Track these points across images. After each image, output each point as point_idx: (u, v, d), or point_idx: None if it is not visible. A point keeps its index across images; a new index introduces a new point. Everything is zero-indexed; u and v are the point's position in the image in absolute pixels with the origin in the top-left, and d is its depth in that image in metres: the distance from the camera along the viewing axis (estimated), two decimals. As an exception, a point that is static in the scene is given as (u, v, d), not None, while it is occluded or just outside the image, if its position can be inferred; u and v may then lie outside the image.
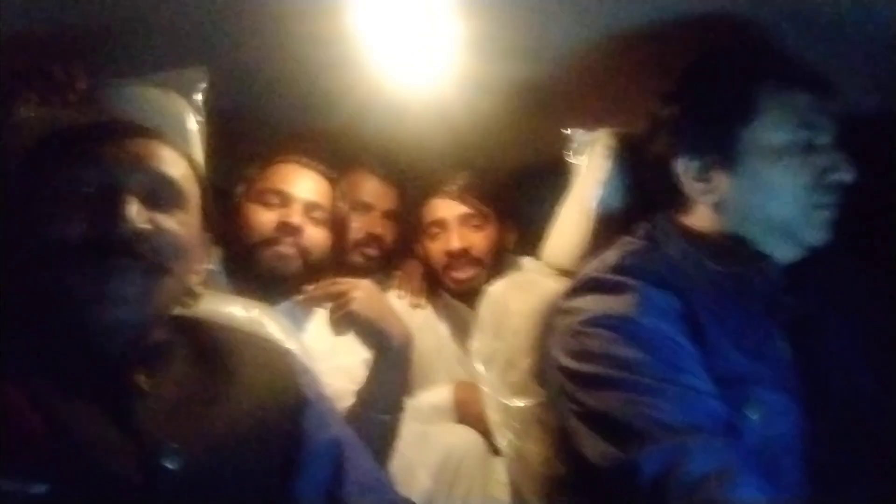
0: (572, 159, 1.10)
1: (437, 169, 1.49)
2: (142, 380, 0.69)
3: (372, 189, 1.49)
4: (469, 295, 1.44)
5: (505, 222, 1.51)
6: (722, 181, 0.89)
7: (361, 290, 1.11)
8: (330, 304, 1.12)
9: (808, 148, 0.86)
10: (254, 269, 1.24)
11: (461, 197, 1.46)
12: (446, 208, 1.47)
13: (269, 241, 1.23)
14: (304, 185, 1.28)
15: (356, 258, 1.46)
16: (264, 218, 1.25)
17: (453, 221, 1.46)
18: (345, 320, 1.10)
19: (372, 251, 1.48)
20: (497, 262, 1.46)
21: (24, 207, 0.69)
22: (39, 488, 0.58)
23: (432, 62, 1.13)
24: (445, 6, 0.97)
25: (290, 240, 1.23)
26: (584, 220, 1.02)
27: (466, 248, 1.44)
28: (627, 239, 0.94)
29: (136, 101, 0.85)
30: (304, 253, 1.25)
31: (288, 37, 1.02)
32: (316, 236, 1.27)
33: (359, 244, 1.46)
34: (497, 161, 1.50)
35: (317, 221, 1.28)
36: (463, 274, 1.44)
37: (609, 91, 1.15)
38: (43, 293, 0.67)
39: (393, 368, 1.10)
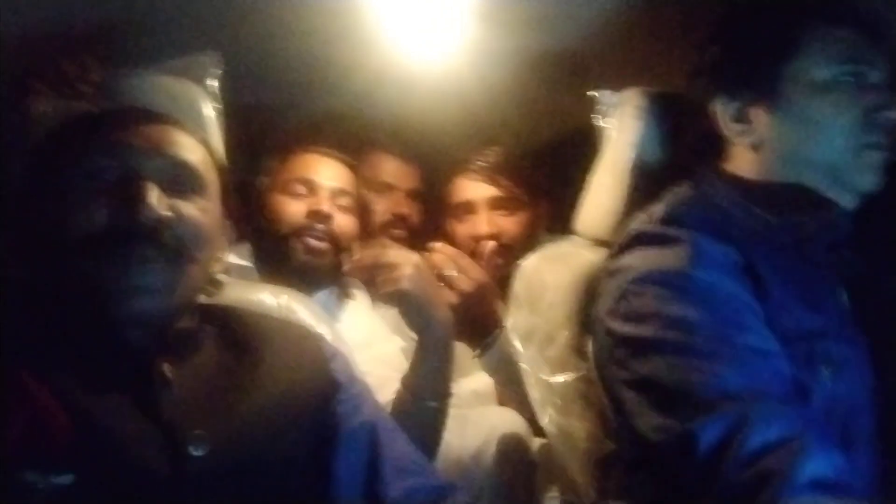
0: (601, 122, 1.05)
1: (458, 145, 1.43)
2: (167, 368, 0.68)
3: (392, 169, 1.45)
4: (499, 282, 1.39)
5: (538, 203, 1.43)
6: (761, 120, 0.84)
7: (413, 268, 1.03)
8: (377, 277, 1.05)
9: (857, 85, 0.81)
10: (286, 262, 1.22)
11: (491, 177, 1.38)
12: (474, 189, 1.39)
13: (300, 231, 1.21)
14: (328, 172, 1.27)
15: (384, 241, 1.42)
16: (293, 208, 1.23)
17: (482, 204, 1.38)
18: (393, 298, 1.03)
19: (399, 232, 1.44)
20: (529, 247, 1.36)
21: (44, 199, 0.69)
22: (65, 479, 0.57)
23: (445, 35, 1.11)
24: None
25: (321, 227, 1.21)
26: (617, 185, 0.97)
27: (496, 234, 1.36)
28: (674, 190, 0.89)
29: (150, 90, 0.85)
30: (334, 241, 1.23)
31: (298, 12, 1.00)
32: (345, 223, 1.25)
33: (385, 226, 1.42)
34: (519, 134, 1.46)
35: (344, 209, 1.26)
36: (492, 264, 1.36)
37: (630, 54, 1.12)
38: (66, 285, 0.67)
39: (438, 354, 1.04)
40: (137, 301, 0.66)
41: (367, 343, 1.14)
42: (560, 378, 0.94)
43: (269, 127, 1.40)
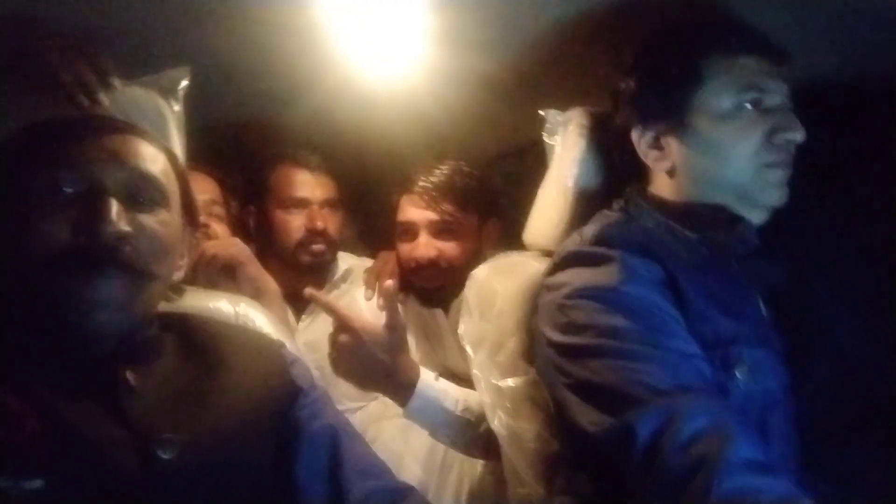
0: (547, 139, 1.11)
1: (410, 161, 1.45)
2: (130, 376, 0.69)
3: (303, 182, 1.44)
4: (441, 298, 1.43)
5: (484, 223, 1.45)
6: (673, 147, 0.92)
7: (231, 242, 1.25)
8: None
9: (757, 110, 0.88)
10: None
11: (433, 201, 1.37)
12: (416, 213, 1.39)
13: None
14: (196, 186, 1.33)
15: (304, 257, 1.44)
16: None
17: (423, 228, 1.39)
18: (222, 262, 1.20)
19: (318, 246, 1.44)
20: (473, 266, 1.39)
21: (4, 211, 0.68)
22: (35, 484, 0.58)
23: (401, 54, 1.14)
24: (412, -2, 0.98)
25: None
26: (562, 199, 1.04)
27: (435, 259, 1.37)
28: (604, 213, 0.97)
29: (119, 101, 0.83)
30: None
31: (256, 27, 1.01)
32: (220, 232, 1.35)
33: (302, 243, 1.43)
34: (471, 151, 1.50)
35: (217, 217, 1.36)
36: (429, 283, 1.40)
37: (579, 72, 1.16)
38: (28, 299, 0.67)
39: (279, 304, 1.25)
40: (98, 315, 0.67)
41: None
42: (509, 382, 0.98)
43: (231, 141, 1.42)
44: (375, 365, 1.05)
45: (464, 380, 1.31)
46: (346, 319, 1.04)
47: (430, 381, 1.10)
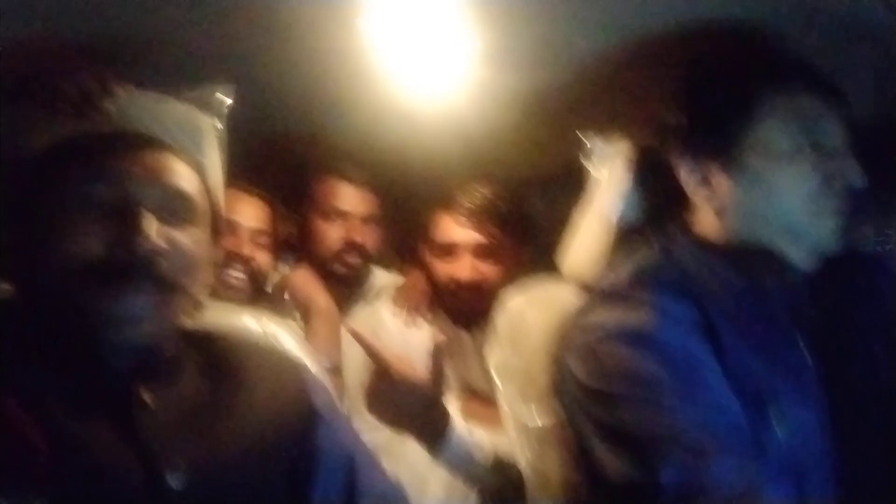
0: (591, 169, 1.08)
1: (449, 178, 1.44)
2: (147, 395, 0.69)
3: (346, 196, 1.46)
4: (470, 318, 1.41)
5: (521, 250, 1.43)
6: (724, 186, 0.87)
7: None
8: None
9: (816, 152, 0.84)
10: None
11: (479, 224, 1.36)
12: (461, 234, 1.38)
13: (217, 268, 1.32)
14: (247, 212, 1.39)
15: (337, 268, 1.45)
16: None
17: (467, 249, 1.37)
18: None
19: (353, 259, 1.45)
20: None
21: (37, 223, 0.68)
22: (36, 503, 0.57)
23: (446, 74, 1.13)
24: (458, 18, 0.97)
25: (239, 268, 1.35)
26: (601, 231, 1.00)
27: (478, 282, 1.35)
28: (642, 250, 0.93)
29: (158, 114, 0.85)
30: (253, 279, 1.37)
31: (303, 51, 1.03)
32: (264, 261, 1.39)
33: (338, 254, 1.44)
34: (514, 171, 1.48)
35: (262, 246, 1.39)
36: (466, 306, 1.38)
37: (623, 98, 1.14)
38: (55, 310, 0.67)
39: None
40: (126, 331, 0.67)
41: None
42: (539, 423, 0.96)
43: (270, 152, 1.43)
44: (408, 413, 1.03)
45: (485, 400, 1.29)
46: (387, 365, 1.01)
47: (462, 433, 1.08)
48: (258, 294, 1.37)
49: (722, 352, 0.78)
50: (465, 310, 1.41)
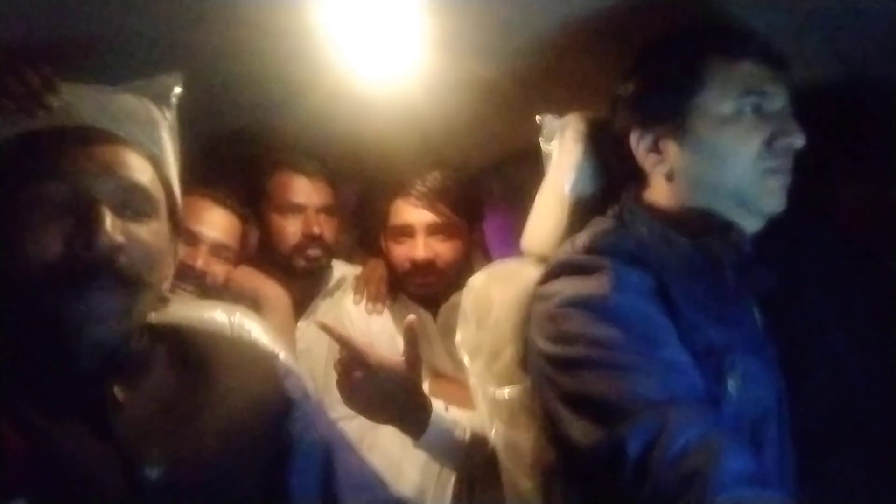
0: (544, 146, 1.10)
1: (405, 166, 1.45)
2: (118, 391, 0.69)
3: (300, 188, 1.45)
4: (430, 300, 1.44)
5: (474, 228, 1.47)
6: (672, 151, 0.91)
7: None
8: None
9: (757, 115, 0.87)
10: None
11: (431, 204, 1.39)
12: (414, 214, 1.40)
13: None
14: (212, 223, 1.35)
15: (299, 262, 1.45)
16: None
17: (420, 229, 1.40)
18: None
19: (313, 251, 1.45)
20: (464, 269, 1.39)
21: None
22: (17, 503, 0.57)
23: (398, 59, 1.13)
24: (410, 3, 0.97)
25: (191, 281, 1.31)
26: (559, 205, 1.03)
27: (432, 259, 1.38)
28: (596, 220, 0.96)
29: (109, 108, 0.83)
30: (204, 292, 1.33)
31: (250, 31, 1.01)
32: (220, 274, 1.36)
33: (298, 248, 1.44)
34: (469, 156, 1.50)
35: (223, 260, 1.37)
36: (426, 281, 1.40)
37: (576, 77, 1.16)
38: (20, 313, 0.66)
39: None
40: (93, 329, 0.66)
41: None
42: (506, 392, 0.98)
43: (220, 135, 1.41)
44: (390, 400, 1.03)
45: (451, 381, 1.31)
46: (363, 354, 1.01)
47: (441, 413, 1.09)
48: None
49: (675, 312, 0.81)
50: (423, 290, 1.44)
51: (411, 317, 1.06)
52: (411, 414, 1.05)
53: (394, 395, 1.02)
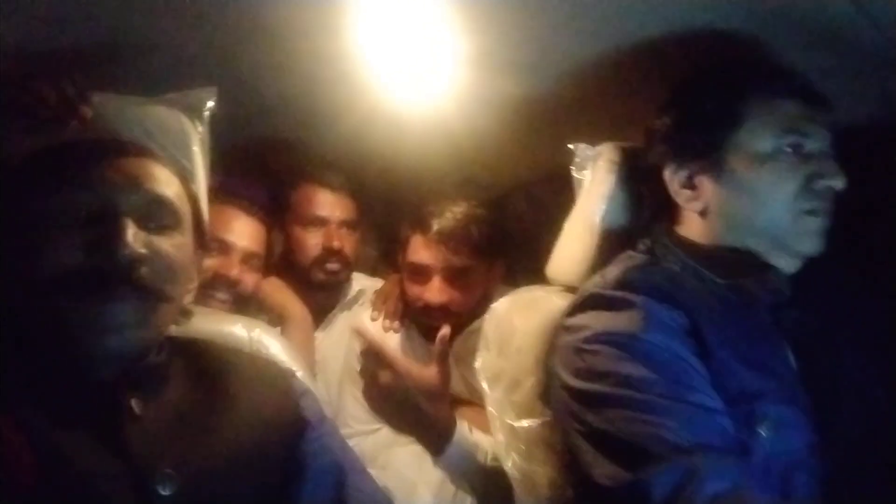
0: (576, 174, 1.09)
1: (432, 193, 1.41)
2: (135, 404, 0.68)
3: (323, 201, 1.45)
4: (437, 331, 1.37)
5: (492, 265, 1.41)
6: (707, 188, 0.90)
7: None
8: None
9: (797, 154, 0.85)
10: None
11: (450, 247, 1.32)
12: (431, 256, 1.34)
13: (203, 287, 1.27)
14: (243, 233, 1.35)
15: (318, 275, 1.44)
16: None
17: (436, 273, 1.34)
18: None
19: (332, 265, 1.44)
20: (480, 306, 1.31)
21: (15, 232, 0.67)
22: None
23: (433, 79, 1.13)
24: (445, 24, 0.97)
25: (226, 290, 1.30)
26: (588, 235, 1.01)
27: (446, 304, 1.33)
28: (629, 254, 0.94)
29: (140, 119, 0.84)
30: (238, 301, 1.32)
31: (289, 54, 1.02)
32: (252, 283, 1.35)
33: (318, 261, 1.43)
34: (499, 176, 1.49)
35: (253, 268, 1.36)
36: (435, 323, 1.32)
37: (611, 105, 1.15)
38: (38, 321, 0.66)
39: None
40: (110, 339, 0.66)
41: None
42: (525, 423, 0.96)
43: (255, 155, 1.42)
44: (417, 412, 1.02)
45: (469, 404, 1.29)
46: (394, 361, 1.00)
47: (465, 433, 1.07)
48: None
49: (707, 354, 0.79)
50: (434, 328, 1.36)
51: (445, 329, 1.03)
52: (436, 428, 1.04)
53: (419, 404, 1.00)
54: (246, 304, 1.33)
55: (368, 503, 0.80)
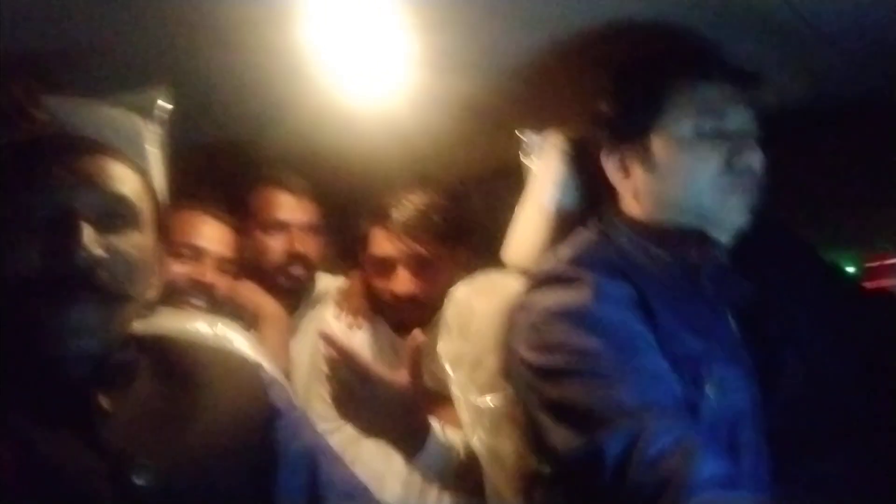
0: (525, 161, 1.13)
1: (388, 187, 1.41)
2: (104, 400, 0.69)
3: (286, 205, 1.43)
4: (405, 325, 1.37)
5: (455, 252, 1.40)
6: (636, 172, 0.94)
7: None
8: None
9: (716, 136, 0.89)
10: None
11: (412, 236, 1.32)
12: (393, 247, 1.33)
13: (178, 293, 1.27)
14: (214, 238, 1.34)
15: (282, 281, 1.42)
16: (176, 270, 1.28)
17: (401, 263, 1.33)
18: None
19: (297, 271, 1.43)
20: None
21: None
22: None
23: (384, 76, 1.15)
24: (396, 21, 0.99)
25: (201, 295, 1.29)
26: (540, 219, 1.05)
27: (414, 294, 1.33)
28: (579, 231, 0.98)
29: (93, 121, 0.83)
30: (213, 306, 1.30)
31: (239, 52, 1.02)
32: (227, 288, 1.34)
33: (281, 266, 1.42)
34: (451, 172, 1.51)
35: (227, 272, 1.35)
36: (405, 317, 1.35)
37: (559, 96, 1.19)
38: (4, 323, 0.66)
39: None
40: (73, 341, 0.66)
41: None
42: (488, 400, 0.99)
43: (209, 161, 1.42)
44: (390, 417, 1.01)
45: (436, 397, 1.31)
46: (365, 368, 1.00)
47: (438, 435, 1.07)
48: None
49: (656, 324, 0.84)
50: (404, 319, 1.38)
51: (418, 336, 1.03)
52: (409, 431, 1.04)
53: (392, 411, 1.01)
54: (220, 308, 1.31)
55: (342, 486, 0.81)
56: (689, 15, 0.97)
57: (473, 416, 1.00)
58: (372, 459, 1.27)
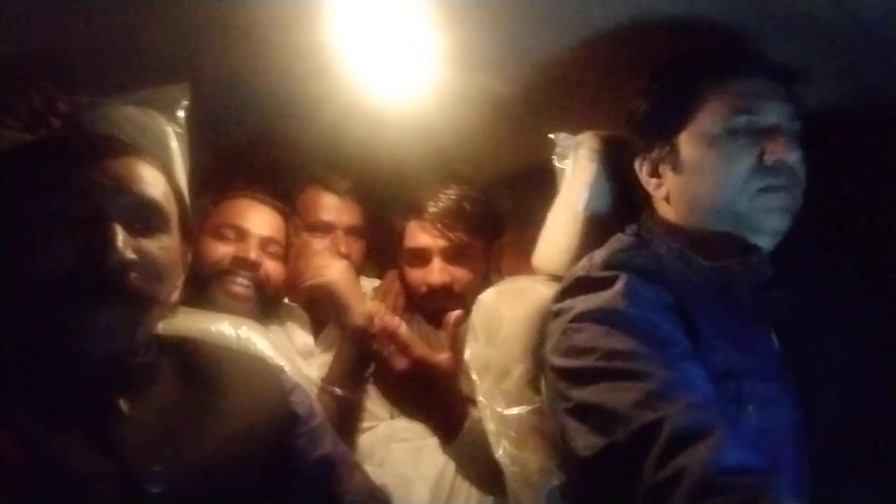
0: (558, 164, 1.10)
1: (420, 184, 1.42)
2: (123, 404, 0.68)
3: (330, 206, 1.42)
4: (441, 322, 1.36)
5: (491, 246, 1.42)
6: (668, 175, 0.91)
7: (338, 267, 1.27)
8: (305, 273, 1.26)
9: (749, 134, 0.85)
10: (208, 303, 1.19)
11: (446, 227, 1.33)
12: (428, 238, 1.35)
13: (222, 275, 1.23)
14: (259, 220, 1.29)
15: None
16: (219, 252, 1.24)
17: (436, 253, 1.34)
18: (317, 289, 1.23)
19: None
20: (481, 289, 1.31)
21: (3, 235, 0.66)
22: None
23: (411, 74, 1.14)
24: (423, 19, 0.97)
25: (246, 274, 1.23)
26: (572, 224, 1.02)
27: (449, 284, 1.33)
28: (617, 237, 0.95)
29: (116, 120, 0.83)
30: (259, 287, 1.25)
31: (267, 47, 1.01)
32: (272, 270, 1.27)
33: None
34: (481, 172, 1.49)
35: (272, 255, 1.29)
36: (444, 306, 1.30)
37: (592, 95, 1.16)
38: (28, 324, 0.66)
39: (355, 344, 1.20)
40: (100, 342, 0.66)
41: None
42: (514, 411, 0.96)
43: (238, 160, 1.41)
44: (431, 398, 1.01)
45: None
46: (409, 345, 1.00)
47: (476, 420, 1.06)
48: (265, 305, 1.27)
49: (695, 333, 0.79)
50: (439, 312, 1.41)
51: (457, 312, 1.03)
52: (449, 414, 1.03)
53: (433, 391, 1.00)
54: (264, 290, 1.27)
55: (361, 494, 0.80)
56: (730, 12, 0.93)
57: (499, 426, 0.97)
58: (401, 463, 1.26)
